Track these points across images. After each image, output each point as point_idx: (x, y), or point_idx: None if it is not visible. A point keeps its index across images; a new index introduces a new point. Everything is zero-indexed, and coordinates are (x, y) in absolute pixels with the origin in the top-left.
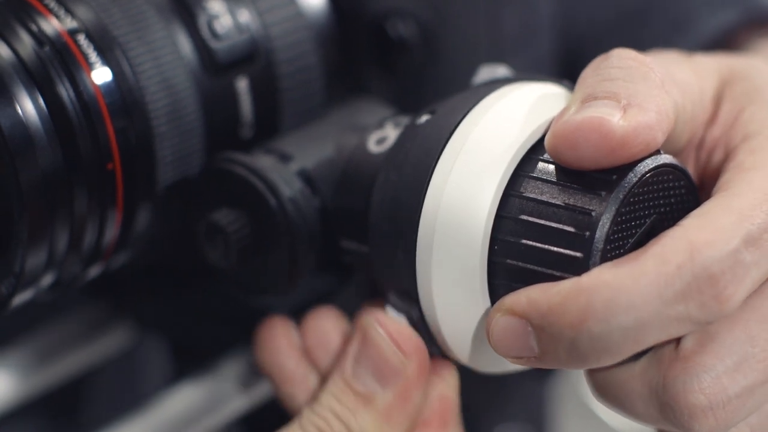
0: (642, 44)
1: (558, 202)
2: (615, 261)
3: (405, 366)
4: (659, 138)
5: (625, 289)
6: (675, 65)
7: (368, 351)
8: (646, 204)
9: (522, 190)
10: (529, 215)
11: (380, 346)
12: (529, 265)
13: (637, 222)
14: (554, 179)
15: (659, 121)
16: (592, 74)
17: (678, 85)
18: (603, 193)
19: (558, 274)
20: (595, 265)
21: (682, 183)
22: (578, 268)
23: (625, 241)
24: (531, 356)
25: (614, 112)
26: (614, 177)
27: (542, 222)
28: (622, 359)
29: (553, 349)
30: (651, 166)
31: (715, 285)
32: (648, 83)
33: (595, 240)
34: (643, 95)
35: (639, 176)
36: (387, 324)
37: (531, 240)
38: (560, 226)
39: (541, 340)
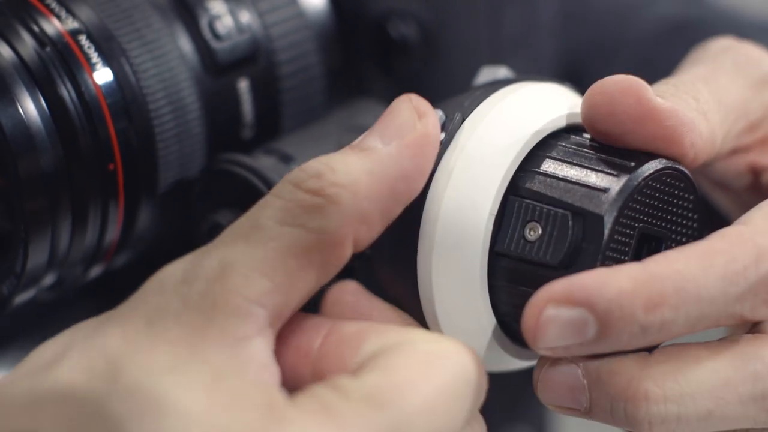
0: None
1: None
2: (681, 249)
3: (415, 124)
4: (686, 139)
5: (695, 281)
6: (727, 83)
7: (384, 118)
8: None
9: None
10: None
11: (399, 109)
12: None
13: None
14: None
15: (691, 128)
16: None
17: (723, 107)
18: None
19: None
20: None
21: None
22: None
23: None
24: (582, 343)
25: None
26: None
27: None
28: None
29: (617, 332)
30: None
31: None
32: (693, 112)
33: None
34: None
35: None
36: (414, 97)
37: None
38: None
39: (604, 325)
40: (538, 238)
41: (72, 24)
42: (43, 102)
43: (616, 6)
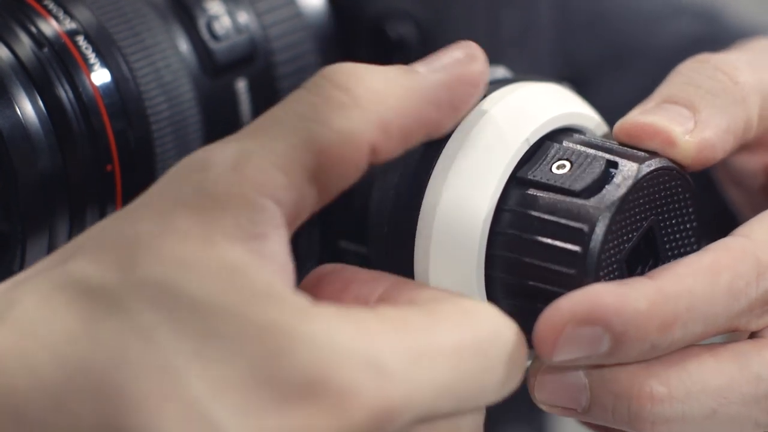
0: None
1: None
2: (686, 263)
3: (464, 64)
4: (718, 155)
5: (704, 300)
6: None
7: (436, 53)
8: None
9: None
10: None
11: (452, 48)
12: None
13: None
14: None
15: (724, 140)
16: (684, 72)
17: (764, 88)
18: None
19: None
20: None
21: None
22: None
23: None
24: (590, 355)
25: (685, 123)
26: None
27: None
28: None
29: (628, 348)
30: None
31: None
32: (728, 98)
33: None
34: (720, 111)
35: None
36: (471, 43)
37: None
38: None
39: (617, 343)
40: (565, 172)
41: (69, 25)
42: (40, 103)
43: (634, 17)
